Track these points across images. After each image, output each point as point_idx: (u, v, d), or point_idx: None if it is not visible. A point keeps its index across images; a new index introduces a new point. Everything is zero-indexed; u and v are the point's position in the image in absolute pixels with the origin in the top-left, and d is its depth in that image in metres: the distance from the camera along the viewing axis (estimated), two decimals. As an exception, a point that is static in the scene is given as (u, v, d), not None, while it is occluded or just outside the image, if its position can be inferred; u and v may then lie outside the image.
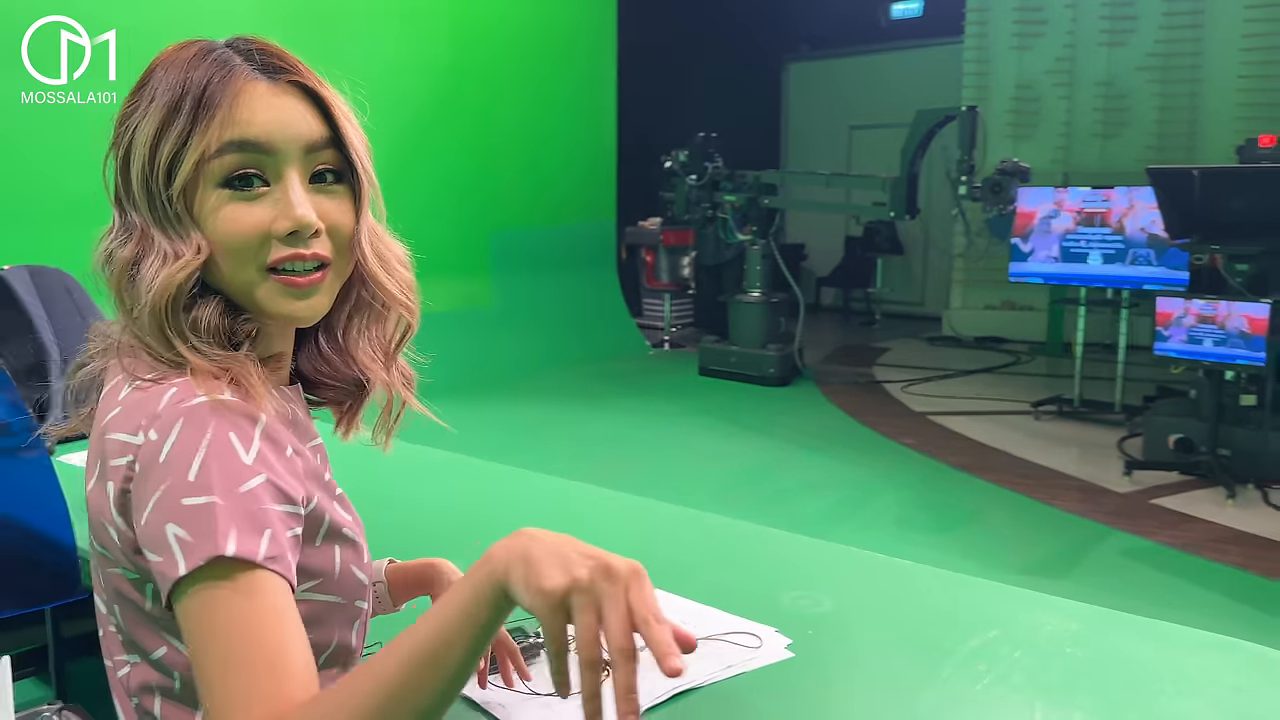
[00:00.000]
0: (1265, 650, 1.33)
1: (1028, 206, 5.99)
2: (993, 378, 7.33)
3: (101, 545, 0.82)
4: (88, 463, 0.84)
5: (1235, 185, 4.68)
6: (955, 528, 4.16)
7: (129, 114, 0.83)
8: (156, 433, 0.74)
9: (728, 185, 6.83)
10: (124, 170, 0.83)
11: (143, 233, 0.82)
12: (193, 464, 0.72)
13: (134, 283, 0.81)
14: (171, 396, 0.76)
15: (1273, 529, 4.03)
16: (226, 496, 0.72)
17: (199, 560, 0.70)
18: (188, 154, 0.79)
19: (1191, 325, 4.56)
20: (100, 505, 0.80)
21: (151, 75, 0.83)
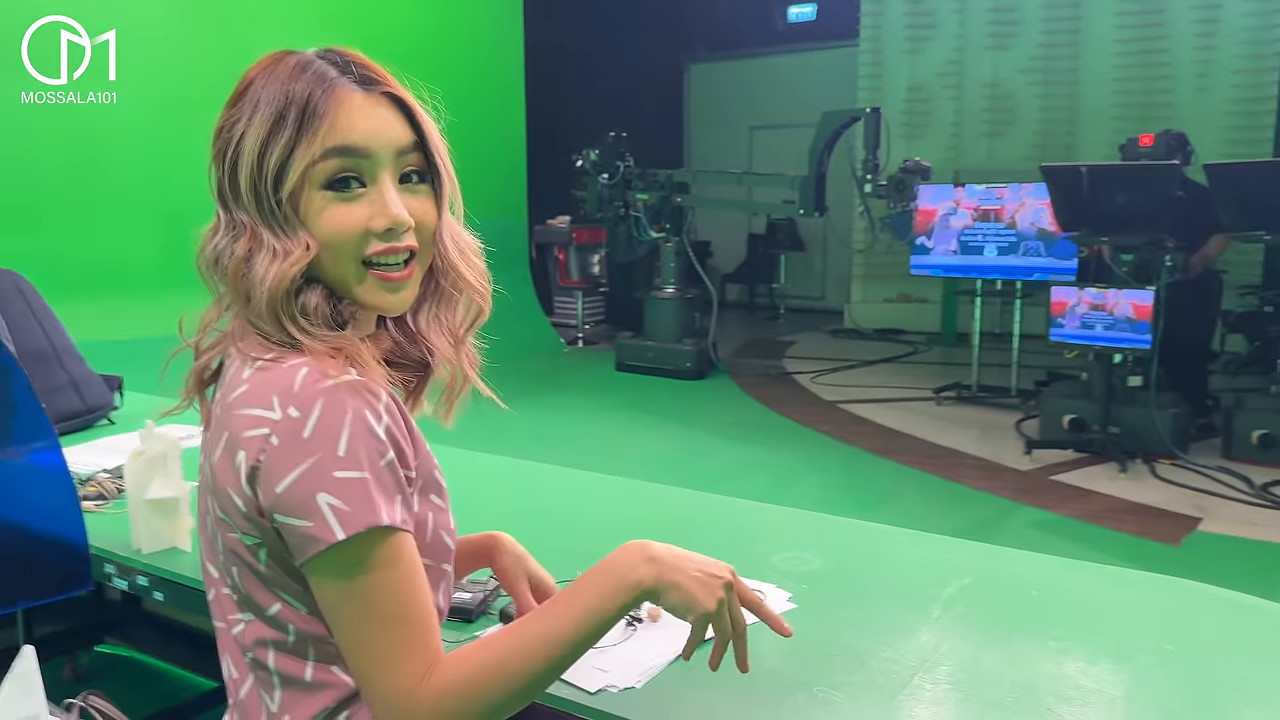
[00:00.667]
0: (1196, 584, 1.53)
1: (929, 205, 6.33)
2: (894, 367, 7.66)
3: (224, 512, 0.89)
4: (210, 437, 0.93)
5: (1119, 181, 5.03)
6: (876, 507, 4.38)
7: (231, 123, 0.90)
8: (297, 410, 0.82)
9: (639, 184, 6.97)
10: (231, 175, 0.90)
11: (252, 232, 0.89)
12: (340, 440, 0.81)
13: (248, 276, 0.89)
14: (305, 377, 0.84)
15: (1162, 499, 4.37)
16: (374, 470, 0.82)
17: (358, 528, 0.81)
18: (295, 160, 0.88)
19: (1084, 313, 4.90)
20: (227, 475, 0.87)
21: (249, 87, 0.91)
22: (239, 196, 0.90)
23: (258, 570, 0.89)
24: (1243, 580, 3.48)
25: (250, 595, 0.91)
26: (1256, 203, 4.68)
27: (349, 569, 0.82)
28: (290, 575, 0.89)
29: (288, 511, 0.82)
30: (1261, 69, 7.60)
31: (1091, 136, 8.32)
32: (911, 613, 1.41)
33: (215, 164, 0.92)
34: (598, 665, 1.25)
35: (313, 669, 0.91)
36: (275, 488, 0.82)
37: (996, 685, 1.20)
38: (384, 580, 0.83)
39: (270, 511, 0.84)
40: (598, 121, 7.74)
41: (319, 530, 0.81)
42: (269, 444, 0.83)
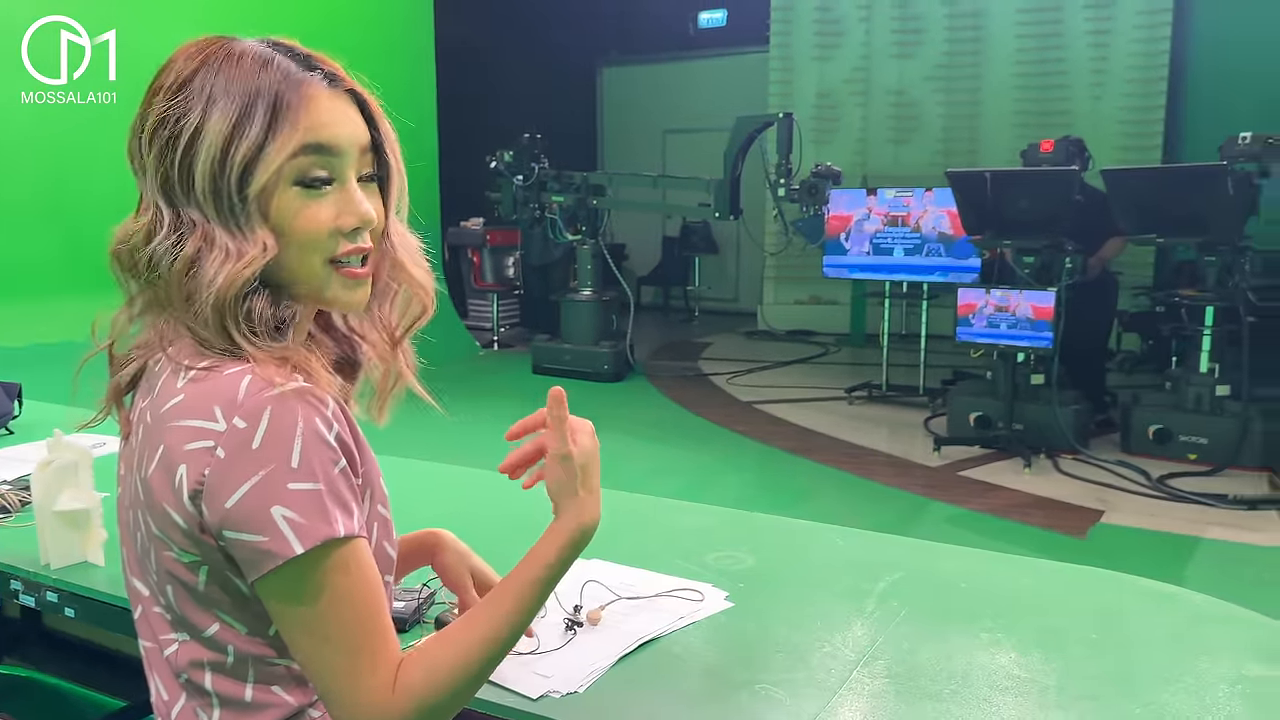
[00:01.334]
0: (1117, 574, 1.58)
1: (845, 210, 6.52)
2: (807, 367, 7.79)
3: (160, 529, 0.84)
4: (139, 449, 0.87)
5: (1021, 186, 5.21)
6: (794, 505, 4.45)
7: (177, 115, 0.84)
8: (244, 420, 0.79)
9: (555, 186, 6.94)
10: (184, 170, 0.84)
11: (203, 231, 0.84)
12: (292, 450, 0.79)
13: (195, 278, 0.84)
14: (249, 385, 0.81)
15: (1066, 493, 4.54)
16: (328, 480, 0.80)
17: (315, 541, 0.79)
18: (266, 157, 0.84)
19: (990, 314, 5.07)
20: (164, 491, 0.83)
21: (194, 76, 0.85)
22: (191, 193, 0.84)
23: (195, 590, 0.85)
24: (1147, 569, 3.62)
25: (185, 615, 0.87)
26: (1150, 207, 4.90)
27: (307, 583, 0.80)
28: (230, 594, 0.85)
29: (239, 527, 0.79)
30: (1151, 79, 7.97)
31: (993, 142, 8.61)
32: (846, 608, 1.43)
33: (158, 158, 0.85)
34: (538, 671, 1.23)
35: (253, 690, 0.88)
36: (224, 502, 0.79)
37: (934, 677, 1.23)
38: (343, 592, 0.82)
39: (218, 528, 0.80)
40: (511, 123, 7.68)
41: (275, 545, 0.79)
42: (214, 457, 0.79)
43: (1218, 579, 3.57)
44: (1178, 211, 4.78)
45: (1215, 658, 1.25)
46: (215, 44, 0.88)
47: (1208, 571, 3.65)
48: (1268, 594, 3.39)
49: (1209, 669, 1.22)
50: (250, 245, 0.84)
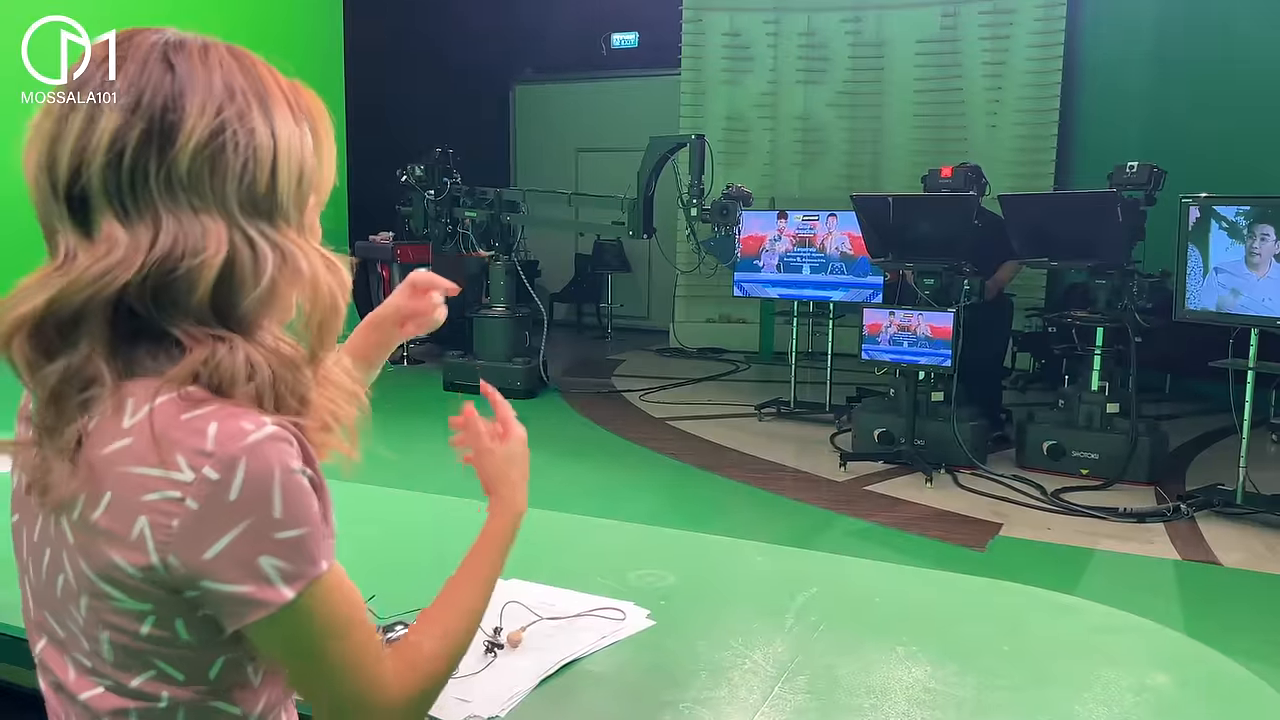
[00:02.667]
0: (1023, 587, 1.64)
1: (758, 231, 6.66)
2: (718, 384, 7.87)
3: (102, 576, 0.78)
4: (67, 487, 0.78)
5: (922, 210, 5.37)
6: (707, 520, 4.48)
7: (235, 118, 0.78)
8: (216, 472, 0.74)
9: (468, 201, 6.88)
10: (265, 187, 0.79)
11: (299, 247, 0.81)
12: (273, 501, 0.75)
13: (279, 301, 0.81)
14: (218, 434, 0.75)
15: (966, 506, 4.68)
16: (311, 524, 0.78)
17: (304, 584, 0.77)
18: (324, 162, 0.84)
19: (894, 333, 5.21)
20: (114, 540, 0.76)
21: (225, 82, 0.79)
22: (275, 205, 0.80)
23: (135, 638, 0.79)
24: (1044, 580, 3.76)
25: (115, 664, 0.81)
26: (1044, 232, 5.11)
27: (300, 622, 0.79)
28: (174, 644, 0.80)
29: (221, 578, 0.76)
30: (1043, 109, 8.32)
31: (894, 168, 8.87)
32: (766, 624, 1.44)
33: (235, 177, 0.78)
34: (458, 695, 1.21)
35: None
36: (202, 554, 0.75)
37: (853, 692, 1.25)
38: (336, 620, 0.81)
39: (193, 578, 0.76)
40: (423, 138, 7.59)
41: (264, 594, 0.76)
42: (184, 508, 0.74)
43: (1111, 589, 3.72)
44: (1070, 236, 4.99)
45: (1120, 667, 1.30)
46: (200, 45, 0.81)
47: (1101, 582, 3.80)
48: (1158, 603, 3.55)
49: (1115, 679, 1.27)
50: (334, 255, 0.84)
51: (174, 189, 0.77)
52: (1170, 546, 4.13)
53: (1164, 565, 3.96)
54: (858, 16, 8.98)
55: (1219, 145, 6.64)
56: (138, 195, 0.76)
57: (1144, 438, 4.94)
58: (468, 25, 9.90)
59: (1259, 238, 4.33)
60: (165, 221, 0.76)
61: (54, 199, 0.78)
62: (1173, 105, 7.27)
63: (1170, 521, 4.41)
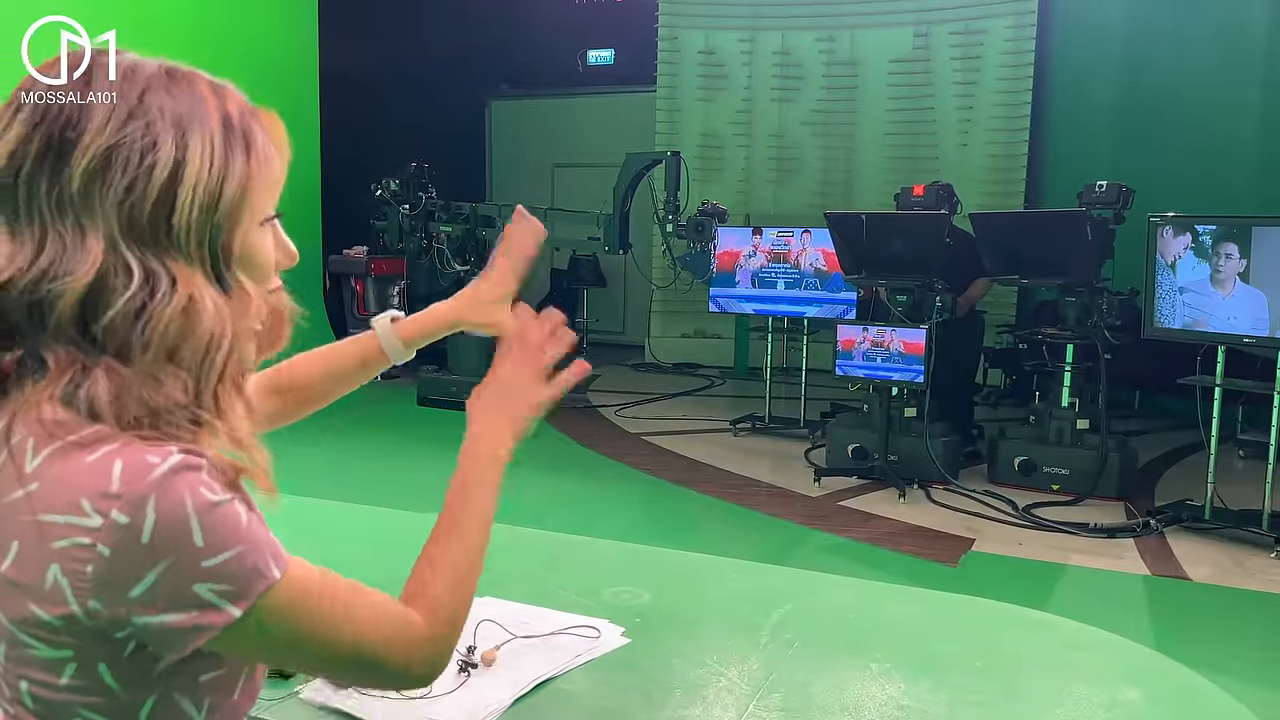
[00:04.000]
0: (994, 603, 1.65)
1: (733, 247, 6.71)
2: (693, 400, 7.88)
3: (16, 627, 0.75)
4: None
5: (895, 228, 5.43)
6: (681, 535, 4.48)
7: (137, 145, 0.75)
8: (124, 514, 0.70)
9: (443, 216, 6.87)
10: (158, 211, 0.75)
11: (188, 282, 0.76)
12: (191, 534, 0.71)
13: (191, 334, 0.75)
14: (123, 474, 0.71)
15: (938, 521, 4.71)
16: (242, 542, 0.74)
17: (253, 598, 0.74)
18: (253, 192, 0.79)
19: (867, 349, 5.24)
20: (28, 589, 0.73)
21: (143, 99, 0.76)
22: (171, 234, 0.75)
23: (56, 687, 0.76)
24: (1016, 595, 3.79)
25: (39, 714, 0.78)
26: (1015, 249, 5.17)
27: (267, 627, 0.76)
28: (98, 690, 0.76)
29: (154, 610, 0.72)
30: (1014, 128, 8.43)
31: (866, 185, 8.95)
32: (741, 641, 1.44)
33: (120, 195, 0.74)
34: (431, 716, 1.20)
35: None
36: (128, 593, 0.72)
37: (827, 710, 1.25)
38: (310, 614, 0.78)
39: (123, 617, 0.72)
40: (398, 152, 7.58)
41: (207, 619, 0.73)
42: (95, 554, 0.71)
43: (1082, 604, 3.75)
44: (1040, 254, 5.05)
45: (1091, 683, 1.32)
46: (138, 63, 0.79)
47: (1072, 597, 3.83)
48: (1128, 618, 3.58)
49: (1087, 695, 1.28)
50: (246, 297, 0.79)
51: (64, 207, 0.74)
52: (1140, 561, 4.18)
53: (1134, 580, 4.00)
54: (831, 36, 9.07)
55: (1187, 164, 6.76)
56: (32, 209, 0.75)
57: (1114, 453, 5.00)
58: (444, 40, 9.91)
59: (1223, 256, 4.41)
60: (50, 238, 0.74)
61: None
62: (1142, 124, 7.39)
63: (1140, 537, 4.45)
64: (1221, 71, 6.90)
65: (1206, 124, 6.93)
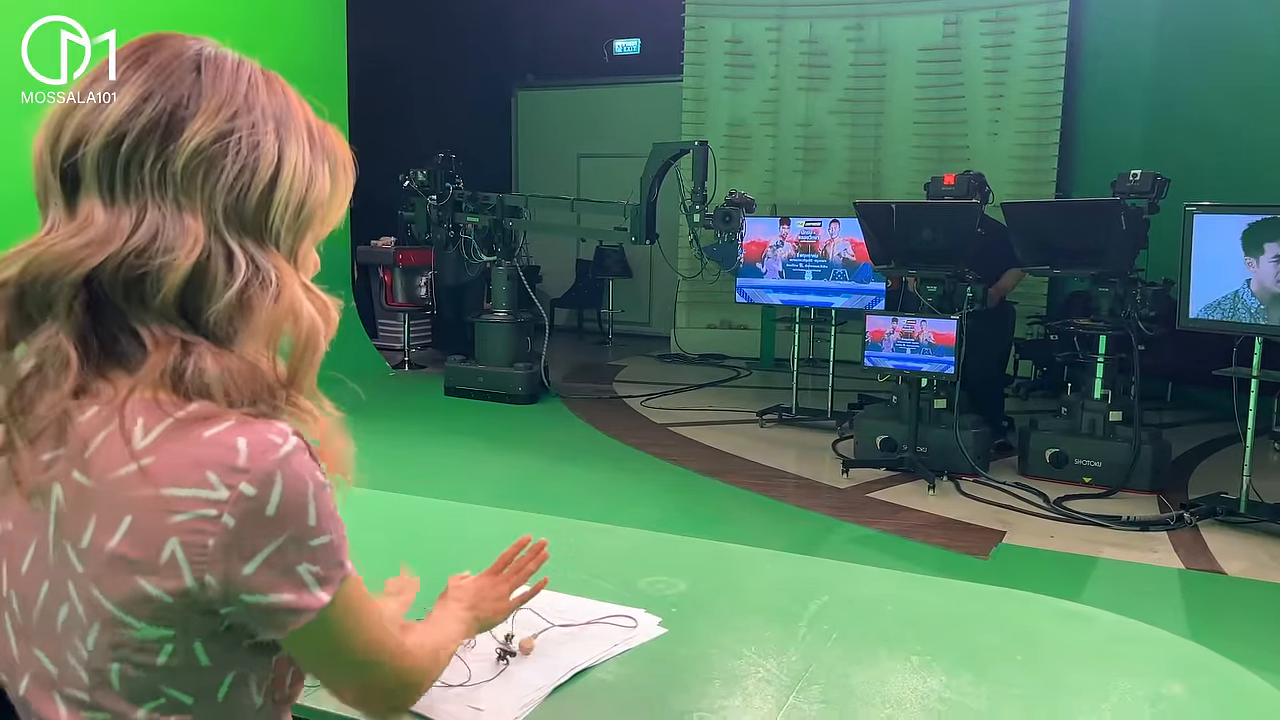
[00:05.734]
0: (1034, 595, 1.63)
1: (761, 237, 6.66)
2: (719, 390, 7.87)
3: (121, 604, 0.75)
4: (61, 516, 0.76)
5: (926, 217, 5.37)
6: (711, 526, 4.47)
7: (245, 139, 0.78)
8: (252, 487, 0.74)
9: (470, 206, 6.88)
10: (260, 202, 0.79)
11: (285, 273, 0.81)
12: (308, 511, 0.77)
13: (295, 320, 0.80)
14: (250, 449, 0.74)
15: (969, 514, 4.67)
16: (336, 530, 0.80)
17: (335, 587, 0.80)
18: (333, 204, 0.85)
19: (897, 340, 5.20)
20: (136, 564, 0.74)
21: (245, 97, 0.80)
22: (268, 224, 0.80)
23: (151, 667, 0.77)
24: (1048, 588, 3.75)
25: (121, 695, 0.78)
26: (1048, 240, 5.11)
27: (337, 622, 0.82)
28: (191, 667, 0.78)
29: (261, 589, 0.76)
30: (1045, 117, 8.34)
31: (895, 174, 8.88)
32: (779, 632, 1.44)
33: (228, 183, 0.77)
34: (471, 704, 1.20)
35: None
36: (242, 569, 0.75)
37: (868, 702, 1.24)
38: (364, 614, 0.85)
39: (233, 593, 0.76)
40: (425, 143, 7.60)
41: (303, 600, 0.78)
42: (219, 525, 0.74)
43: (1115, 597, 3.71)
44: (1074, 244, 4.99)
45: (1135, 677, 1.30)
46: (242, 60, 0.83)
47: (1105, 590, 3.79)
48: (1163, 612, 3.54)
49: (1131, 689, 1.27)
50: (326, 296, 0.84)
51: (165, 183, 0.76)
52: (1174, 555, 4.13)
53: (1168, 574, 3.95)
54: (860, 24, 9.00)
55: (1222, 152, 6.65)
56: (129, 181, 0.76)
57: (1147, 446, 4.94)
58: (470, 31, 9.92)
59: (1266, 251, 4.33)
60: (149, 213, 0.76)
61: (51, 172, 0.78)
62: (1176, 112, 7.29)
63: (1173, 530, 4.40)
64: (1258, 59, 6.78)
65: (1242, 113, 6.81)
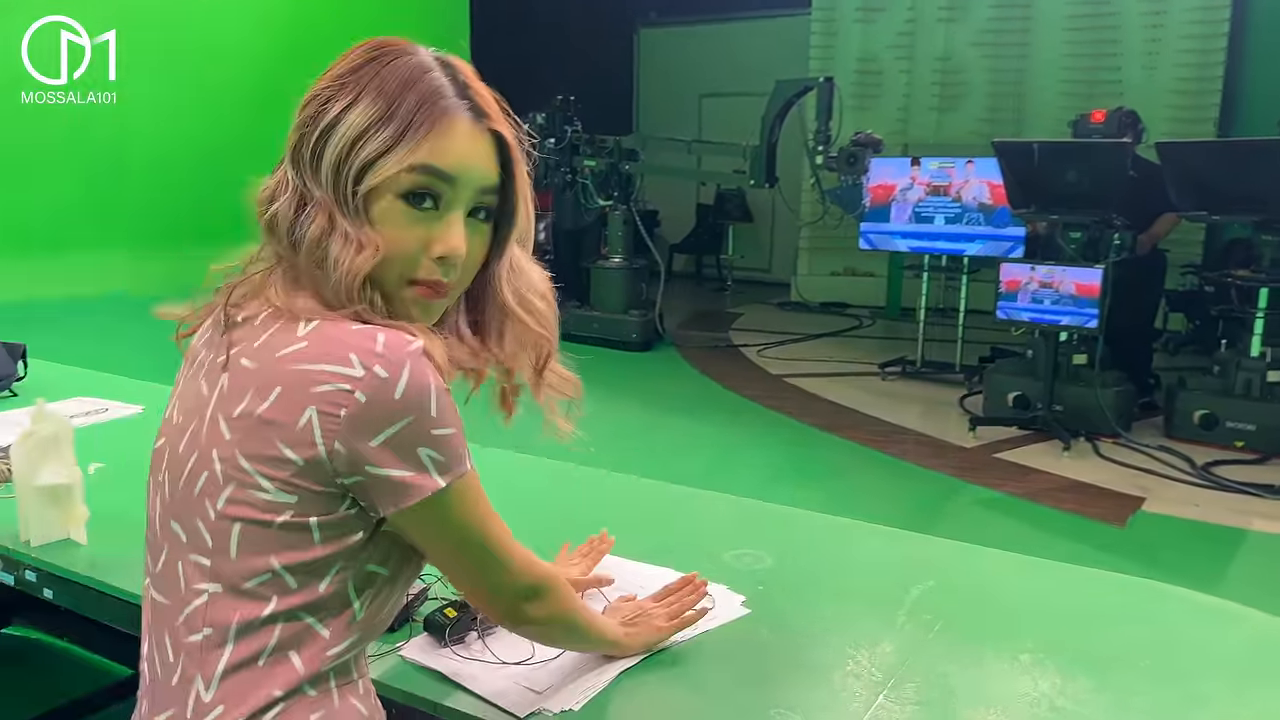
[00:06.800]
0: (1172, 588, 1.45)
1: (888, 180, 6.35)
2: (840, 341, 7.63)
3: (255, 468, 0.85)
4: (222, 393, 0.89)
5: (1071, 158, 4.99)
6: (823, 483, 4.33)
7: (329, 96, 0.90)
8: (385, 370, 0.83)
9: (587, 150, 6.79)
10: (315, 147, 0.89)
11: (328, 211, 0.89)
12: (430, 402, 0.85)
13: (323, 254, 0.88)
14: (387, 340, 0.85)
15: (1106, 478, 4.38)
16: (457, 426, 0.88)
17: (456, 475, 0.88)
18: (387, 162, 0.87)
19: (1035, 290, 4.89)
20: (279, 429, 0.84)
21: (361, 68, 0.90)
22: (318, 170, 0.89)
23: (267, 530, 0.86)
24: (1188, 561, 3.50)
25: (236, 560, 0.87)
26: (1207, 183, 4.68)
27: (451, 510, 0.90)
28: (298, 543, 0.86)
29: (383, 463, 0.85)
30: (1208, 49, 7.64)
31: (1039, 112, 8.33)
32: (874, 619, 1.31)
33: (301, 127, 0.91)
34: (529, 685, 1.12)
35: (268, 658, 0.87)
36: (369, 440, 0.84)
37: (968, 704, 1.11)
38: (485, 510, 0.94)
39: (358, 463, 0.84)
40: (545, 84, 7.51)
41: (420, 480, 0.86)
42: (353, 399, 0.83)
43: (1265, 575, 3.41)
44: (1235, 188, 4.56)
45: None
46: (393, 45, 0.92)
47: (1254, 567, 3.49)
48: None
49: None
50: (367, 240, 0.88)
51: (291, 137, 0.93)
52: (1337, 531, 3.77)
53: (1329, 552, 3.61)
54: (1005, -52, 8.42)
55: None
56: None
57: (1310, 409, 4.52)
58: (592, -31, 9.74)
59: None
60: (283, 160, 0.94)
61: None
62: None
63: (1338, 503, 4.01)
64: None
65: None
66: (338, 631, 0.89)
